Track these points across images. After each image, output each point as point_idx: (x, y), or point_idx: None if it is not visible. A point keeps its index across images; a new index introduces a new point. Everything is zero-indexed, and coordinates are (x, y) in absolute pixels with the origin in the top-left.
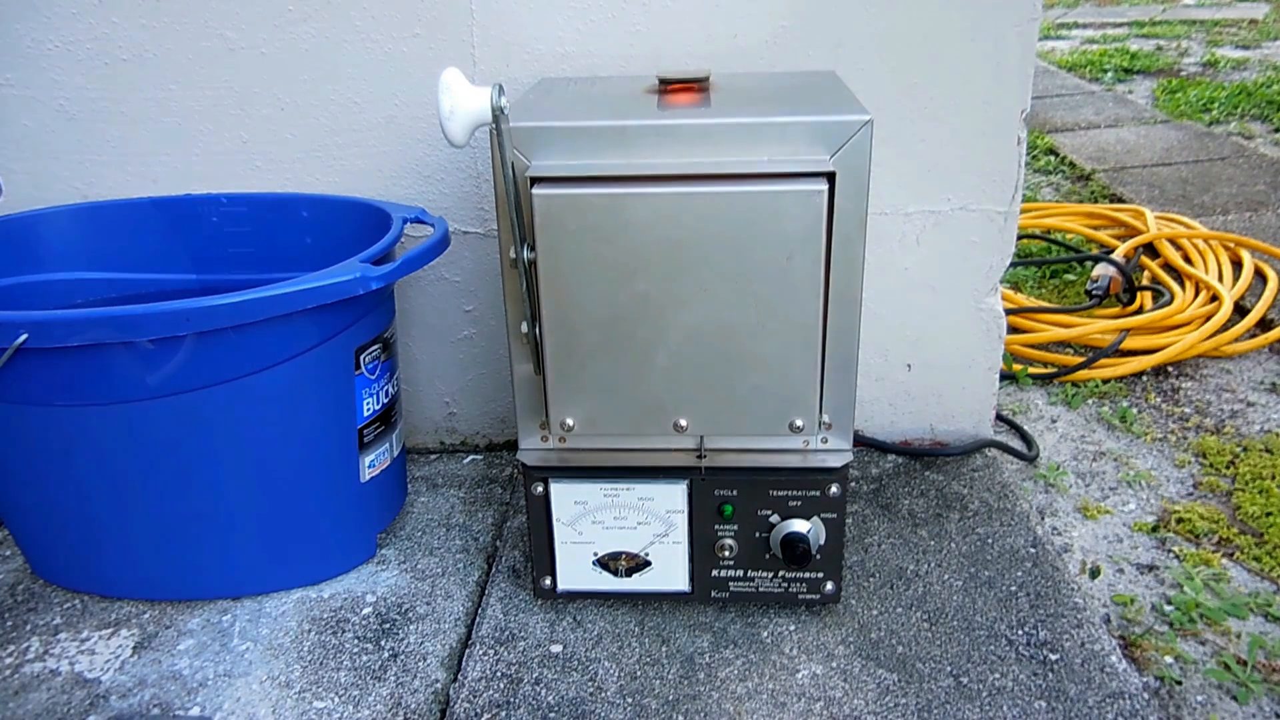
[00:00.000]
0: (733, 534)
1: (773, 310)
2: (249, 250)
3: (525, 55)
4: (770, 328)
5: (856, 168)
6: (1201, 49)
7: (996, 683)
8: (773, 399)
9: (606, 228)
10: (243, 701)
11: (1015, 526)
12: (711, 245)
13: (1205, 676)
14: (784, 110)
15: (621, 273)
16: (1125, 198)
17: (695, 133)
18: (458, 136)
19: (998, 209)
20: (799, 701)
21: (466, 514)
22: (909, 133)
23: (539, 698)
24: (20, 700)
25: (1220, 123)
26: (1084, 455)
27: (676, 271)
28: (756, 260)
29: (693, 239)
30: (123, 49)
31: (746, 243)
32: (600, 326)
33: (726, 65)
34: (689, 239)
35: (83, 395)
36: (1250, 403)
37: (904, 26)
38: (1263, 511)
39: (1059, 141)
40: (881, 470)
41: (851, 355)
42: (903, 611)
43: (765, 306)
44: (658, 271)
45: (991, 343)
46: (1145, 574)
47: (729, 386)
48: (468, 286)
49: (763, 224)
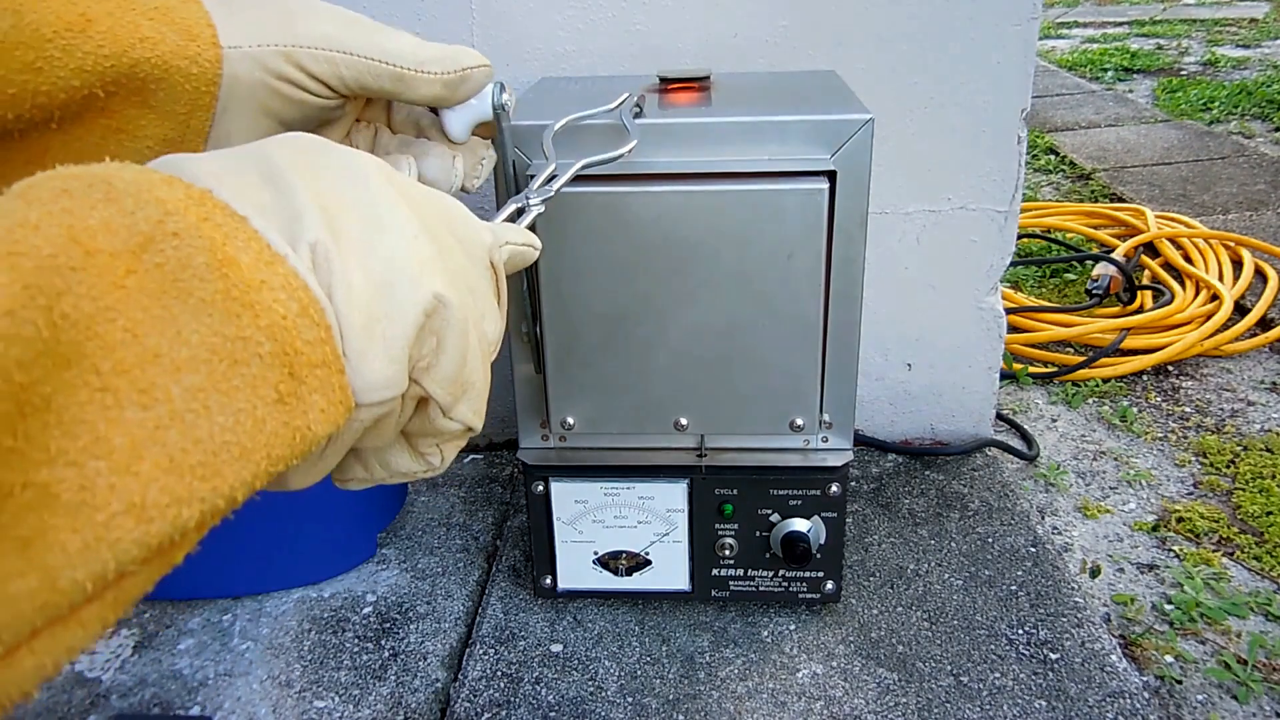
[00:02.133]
0: (733, 533)
1: (774, 309)
2: None
3: (525, 55)
4: (771, 326)
5: (857, 166)
6: (1202, 48)
7: (997, 682)
8: (774, 398)
9: (606, 227)
10: (243, 701)
11: (1015, 526)
12: (712, 244)
13: (1205, 676)
14: (784, 109)
15: (621, 272)
16: (1125, 197)
17: (696, 132)
18: (457, 133)
19: (998, 208)
20: (799, 701)
21: (467, 513)
22: (909, 132)
23: (539, 697)
24: None
25: (1220, 122)
26: (1084, 454)
27: (677, 270)
28: (757, 259)
29: (693, 238)
30: None
31: (747, 241)
32: (600, 325)
33: (726, 65)
34: (689, 238)
35: None
36: (1251, 402)
37: (904, 26)
38: (1263, 511)
39: (1059, 141)
40: (881, 470)
41: (852, 354)
42: (903, 611)
43: (766, 305)
44: (658, 271)
45: (992, 342)
46: (1145, 573)
47: (729, 385)
48: None
49: (763, 223)
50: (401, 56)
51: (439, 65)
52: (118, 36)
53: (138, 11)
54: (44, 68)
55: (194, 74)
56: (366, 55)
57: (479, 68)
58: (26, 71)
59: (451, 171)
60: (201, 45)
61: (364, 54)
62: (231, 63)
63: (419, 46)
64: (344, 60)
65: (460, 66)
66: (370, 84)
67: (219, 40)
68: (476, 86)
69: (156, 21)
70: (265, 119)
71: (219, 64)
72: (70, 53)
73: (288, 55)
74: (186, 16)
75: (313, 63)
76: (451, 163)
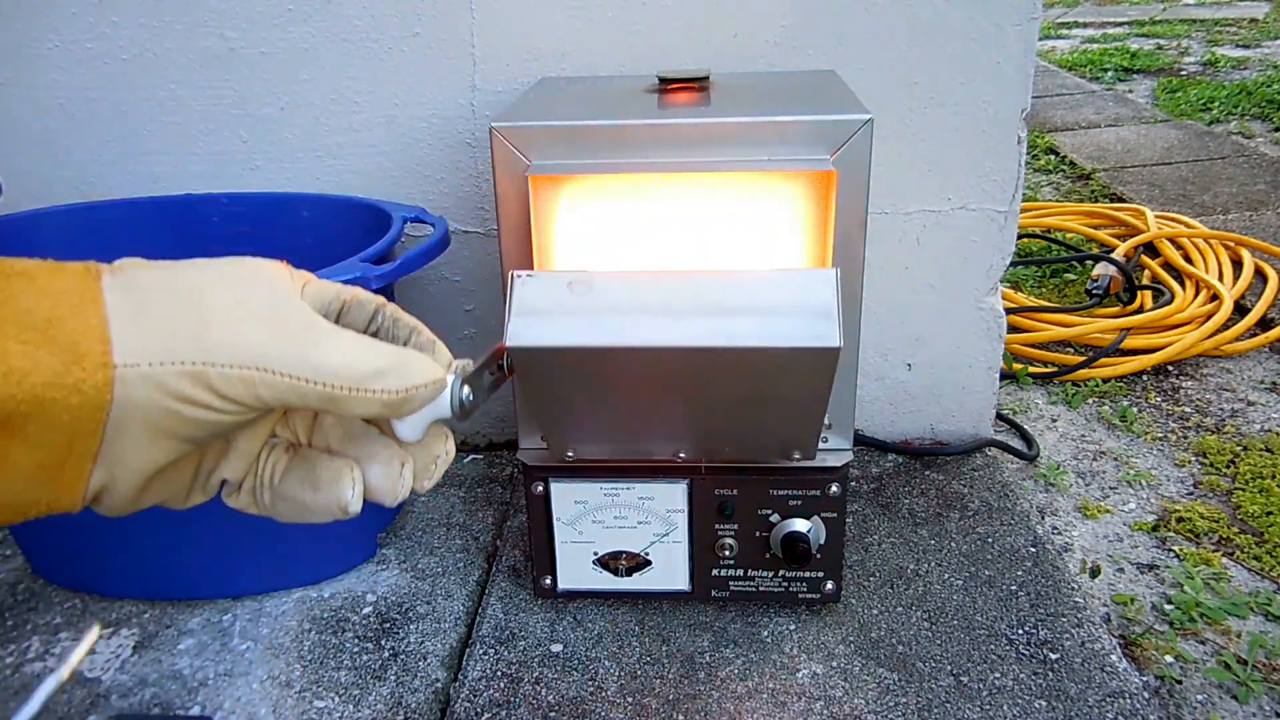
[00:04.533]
0: (733, 533)
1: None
2: (249, 250)
3: (525, 55)
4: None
5: (857, 166)
6: (1201, 48)
7: (997, 682)
8: (775, 442)
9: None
10: (243, 701)
11: (1015, 526)
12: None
13: (1205, 676)
14: (784, 109)
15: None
16: (1125, 197)
17: (695, 132)
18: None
19: (998, 208)
20: (799, 701)
21: (467, 513)
22: (909, 132)
23: (539, 697)
24: (21, 699)
25: (1220, 122)
26: (1084, 454)
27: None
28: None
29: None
30: (123, 49)
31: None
32: (593, 400)
33: (726, 65)
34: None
35: None
36: (1250, 402)
37: (904, 26)
38: (1263, 511)
39: (1059, 141)
40: (881, 470)
41: (852, 355)
42: (903, 611)
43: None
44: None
45: (992, 342)
46: (1145, 573)
47: (732, 437)
48: (468, 286)
49: (770, 375)
50: (334, 374)
51: (380, 382)
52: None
53: (8, 336)
54: None
55: (74, 403)
56: (292, 374)
57: (428, 385)
58: None
59: (398, 482)
60: (88, 368)
61: (289, 372)
62: (126, 384)
63: (357, 356)
64: (263, 379)
65: (406, 385)
66: (295, 403)
67: (112, 358)
68: (424, 403)
69: (31, 345)
70: (165, 440)
71: (108, 388)
72: None
73: (195, 375)
74: (75, 330)
75: (225, 384)
76: (399, 470)
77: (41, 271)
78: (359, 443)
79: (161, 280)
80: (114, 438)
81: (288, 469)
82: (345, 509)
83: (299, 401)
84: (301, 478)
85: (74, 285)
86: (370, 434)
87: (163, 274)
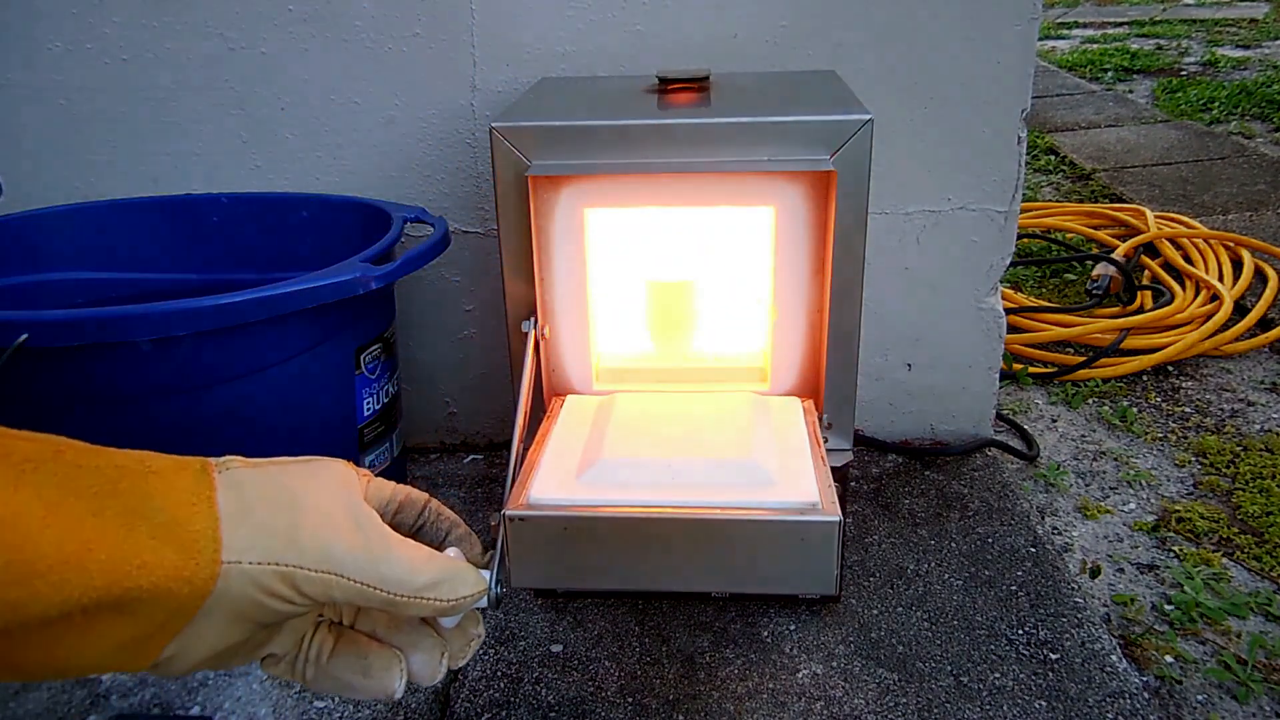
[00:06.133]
0: None
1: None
2: (249, 250)
3: (525, 55)
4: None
5: (857, 167)
6: (1201, 48)
7: (997, 682)
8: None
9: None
10: (243, 701)
11: (1015, 526)
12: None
13: (1205, 676)
14: (784, 110)
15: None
16: (1125, 197)
17: (695, 132)
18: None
19: (998, 208)
20: (799, 701)
21: (467, 513)
22: (909, 132)
23: (539, 697)
24: (20, 700)
25: (1220, 122)
26: (1084, 455)
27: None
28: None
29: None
30: (123, 49)
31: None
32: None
33: (726, 65)
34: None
35: (82, 395)
36: (1250, 402)
37: (904, 26)
38: (1263, 511)
39: (1059, 141)
40: (881, 470)
41: (852, 355)
42: (903, 611)
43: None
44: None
45: (992, 342)
46: (1145, 573)
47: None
48: (468, 286)
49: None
50: (398, 584)
51: (435, 592)
52: (115, 566)
53: (142, 532)
54: (28, 603)
55: (184, 593)
56: (363, 581)
57: (475, 595)
58: (6, 610)
59: (438, 668)
60: (200, 563)
61: (361, 579)
62: (226, 578)
63: (416, 569)
64: (339, 584)
65: (458, 596)
66: (360, 604)
67: (220, 555)
68: (468, 607)
69: (159, 540)
70: (241, 624)
71: (214, 580)
72: (59, 588)
73: (284, 575)
74: (194, 529)
75: (307, 584)
76: (439, 658)
77: (169, 469)
78: (404, 631)
79: (260, 480)
80: (200, 619)
81: (335, 652)
82: (390, 696)
83: (364, 603)
84: (351, 664)
85: (192, 485)
86: (414, 622)
87: (261, 474)
